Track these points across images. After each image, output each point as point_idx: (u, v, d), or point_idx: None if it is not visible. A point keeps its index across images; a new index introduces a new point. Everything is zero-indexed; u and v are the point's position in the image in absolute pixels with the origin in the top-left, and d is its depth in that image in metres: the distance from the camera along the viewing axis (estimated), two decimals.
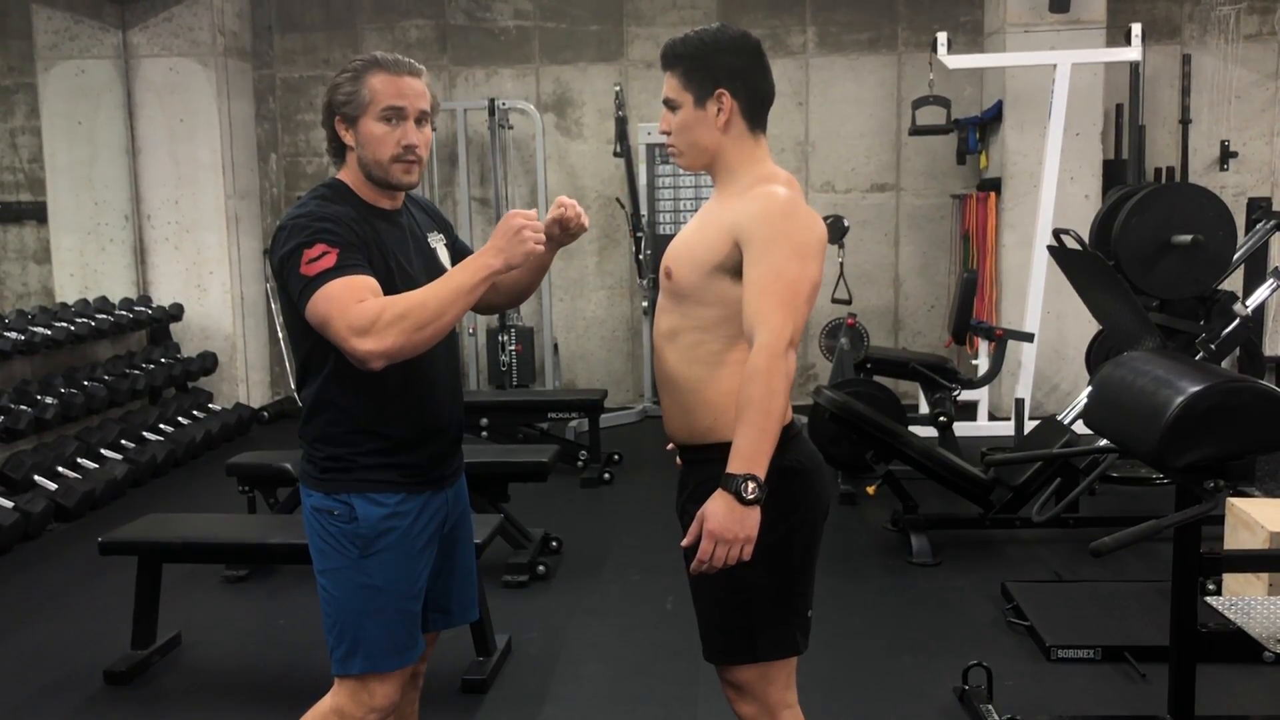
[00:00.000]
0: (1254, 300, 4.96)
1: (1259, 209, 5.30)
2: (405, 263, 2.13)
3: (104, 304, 6.61)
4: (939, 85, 6.90)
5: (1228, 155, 7.09)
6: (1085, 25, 6.73)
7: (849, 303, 6.73)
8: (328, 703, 2.18)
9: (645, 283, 7.12)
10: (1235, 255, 4.88)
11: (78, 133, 7.06)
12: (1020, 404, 5.67)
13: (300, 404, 2.20)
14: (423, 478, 2.17)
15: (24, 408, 5.41)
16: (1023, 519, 4.49)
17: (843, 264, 6.75)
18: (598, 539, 4.74)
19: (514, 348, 7.07)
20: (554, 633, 3.75)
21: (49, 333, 5.82)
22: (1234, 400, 2.37)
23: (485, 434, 5.76)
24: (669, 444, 2.20)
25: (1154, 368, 2.58)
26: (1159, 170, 7.03)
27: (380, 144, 2.08)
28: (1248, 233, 5.18)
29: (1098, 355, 5.72)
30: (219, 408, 7.00)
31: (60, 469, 5.34)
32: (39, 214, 7.56)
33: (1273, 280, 4.98)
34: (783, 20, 7.47)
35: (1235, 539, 3.62)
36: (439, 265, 2.22)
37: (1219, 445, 2.38)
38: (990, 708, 2.99)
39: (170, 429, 6.31)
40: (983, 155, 7.20)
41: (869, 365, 5.69)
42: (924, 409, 5.96)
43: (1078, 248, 4.85)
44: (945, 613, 3.89)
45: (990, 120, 7.10)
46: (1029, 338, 6.14)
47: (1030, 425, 5.21)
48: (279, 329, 7.37)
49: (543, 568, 4.25)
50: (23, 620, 4.04)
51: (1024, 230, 6.77)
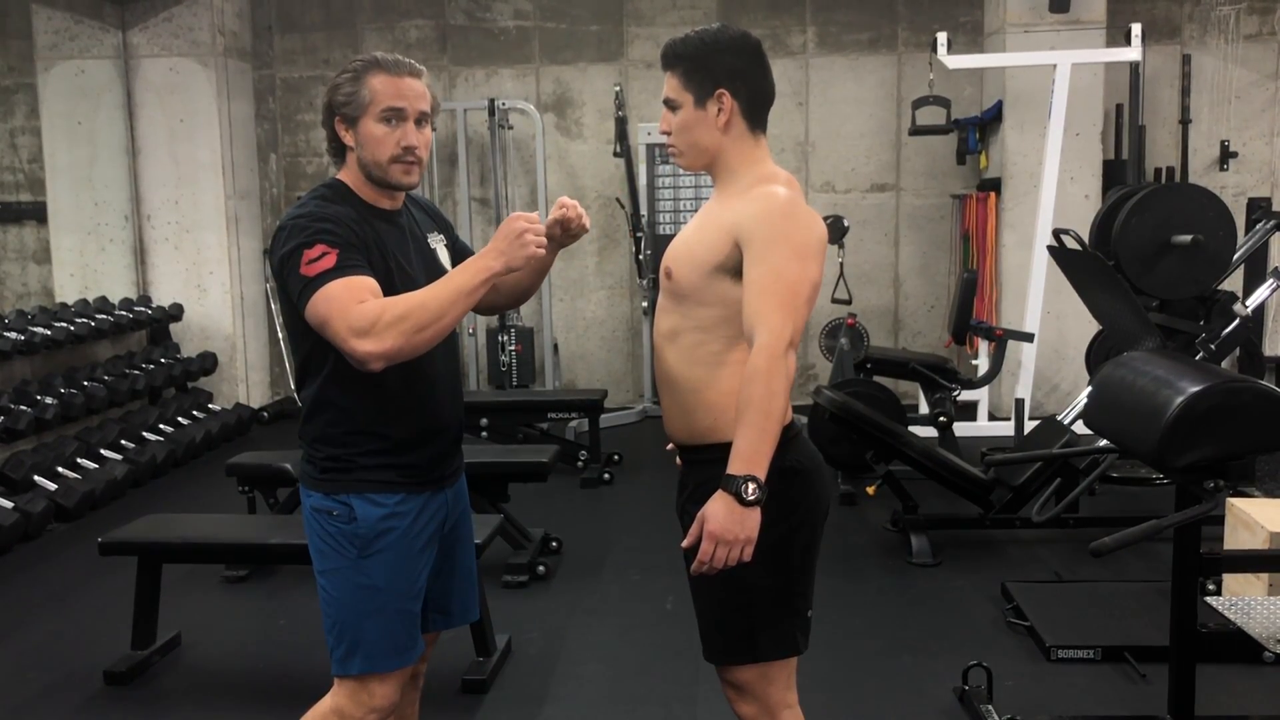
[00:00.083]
0: (1254, 300, 4.96)
1: (1259, 209, 5.30)
2: (405, 263, 2.13)
3: (104, 304, 6.61)
4: (939, 85, 6.90)
5: (1228, 155, 7.09)
6: (1085, 25, 6.73)
7: (849, 303, 6.73)
8: (327, 703, 2.18)
9: (645, 283, 7.12)
10: (1235, 255, 4.88)
11: (78, 133, 7.06)
12: (1020, 404, 5.67)
13: (300, 404, 2.20)
14: (422, 478, 2.17)
15: (24, 408, 5.41)
16: (1023, 519, 4.49)
17: (843, 264, 6.75)
18: (598, 539, 4.74)
19: (514, 348, 7.07)
20: (554, 633, 3.75)
21: (49, 333, 5.82)
22: (1234, 400, 2.37)
23: (485, 434, 5.76)
24: (669, 444, 2.19)
25: (1154, 368, 2.58)
26: (1159, 170, 7.03)
27: (380, 145, 2.08)
28: (1248, 233, 5.18)
29: (1098, 355, 5.72)
30: (219, 408, 7.00)
31: (60, 469, 5.34)
32: (39, 214, 7.56)
33: (1273, 280, 4.98)
34: (783, 20, 7.47)
35: (1235, 539, 3.62)
36: (439, 266, 2.22)
37: (1219, 445, 2.38)
38: (990, 708, 2.99)
39: (170, 429, 6.31)
40: (983, 155, 7.20)
41: (869, 365, 5.69)
42: (924, 409, 5.96)
43: (1078, 248, 4.85)
44: (945, 613, 3.89)
45: (990, 120, 7.10)
46: (1029, 338, 6.14)
47: (1030, 425, 5.21)
48: (279, 329, 7.37)
49: (543, 568, 4.25)
50: (23, 620, 4.04)
51: (1024, 230, 6.77)
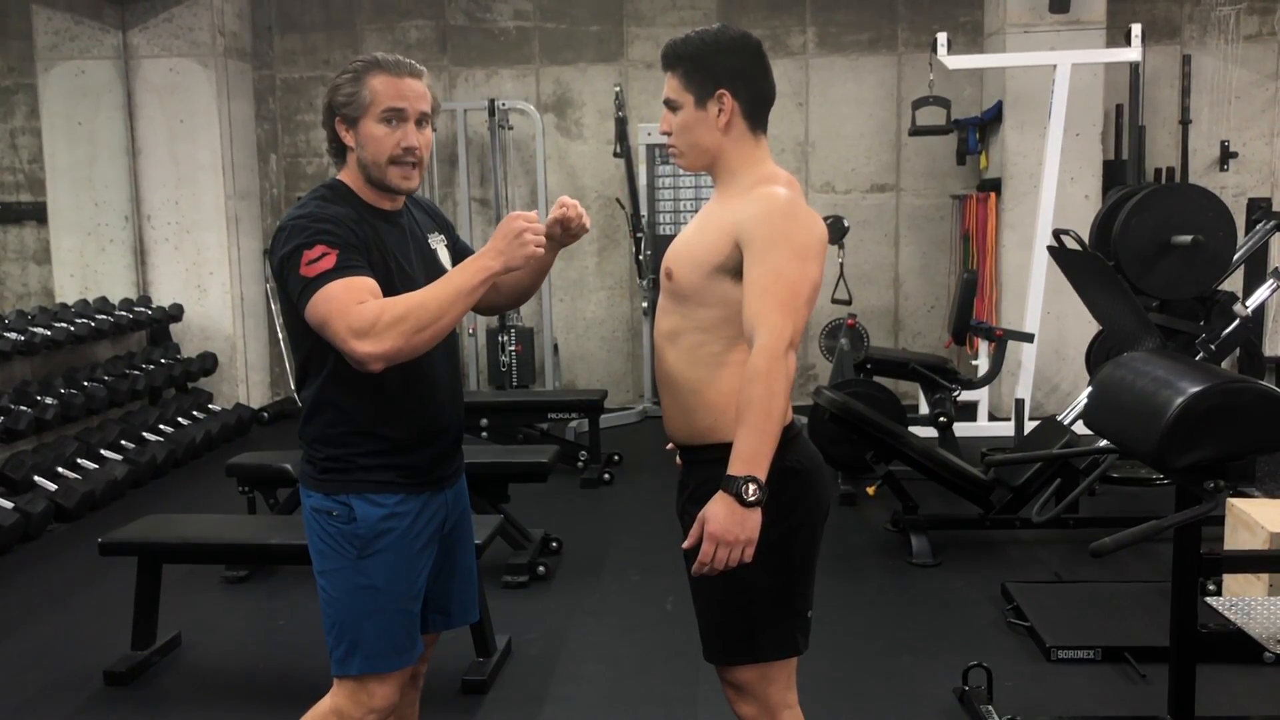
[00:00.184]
0: (1254, 300, 4.96)
1: (1259, 209, 5.29)
2: (405, 264, 2.13)
3: (104, 304, 6.61)
4: (939, 86, 6.90)
5: (1228, 156, 7.09)
6: (1085, 25, 6.73)
7: (849, 303, 6.73)
8: (327, 703, 2.18)
9: (645, 283, 7.12)
10: (1235, 256, 4.88)
11: (78, 133, 7.06)
12: (1020, 404, 5.67)
13: (300, 405, 2.20)
14: (422, 478, 2.16)
15: (24, 408, 5.41)
16: (1023, 519, 4.49)
17: (843, 264, 6.75)
18: (598, 539, 4.74)
19: (514, 348, 7.06)
20: (554, 633, 3.75)
21: (49, 333, 5.82)
22: (1234, 401, 2.37)
23: (485, 434, 5.76)
24: (668, 444, 2.20)
25: (1154, 368, 2.58)
26: (1159, 171, 7.03)
27: (380, 145, 2.08)
28: (1248, 233, 5.18)
29: (1098, 355, 5.72)
30: (219, 408, 7.00)
31: (60, 469, 5.34)
32: (39, 214, 7.56)
33: (1273, 280, 4.98)
34: (783, 20, 7.47)
35: (1235, 539, 3.62)
36: (439, 266, 2.22)
37: (1219, 446, 2.38)
38: (990, 708, 2.99)
39: (170, 429, 6.31)
40: (983, 155, 7.20)
41: (869, 366, 5.69)
42: (924, 409, 5.96)
43: (1078, 248, 4.85)
44: (945, 613, 3.89)
45: (990, 121, 7.10)
46: (1029, 338, 6.14)
47: (1030, 426, 5.21)
48: (279, 329, 7.37)
49: (543, 568, 4.25)
50: (23, 620, 4.04)
51: (1024, 230, 6.77)
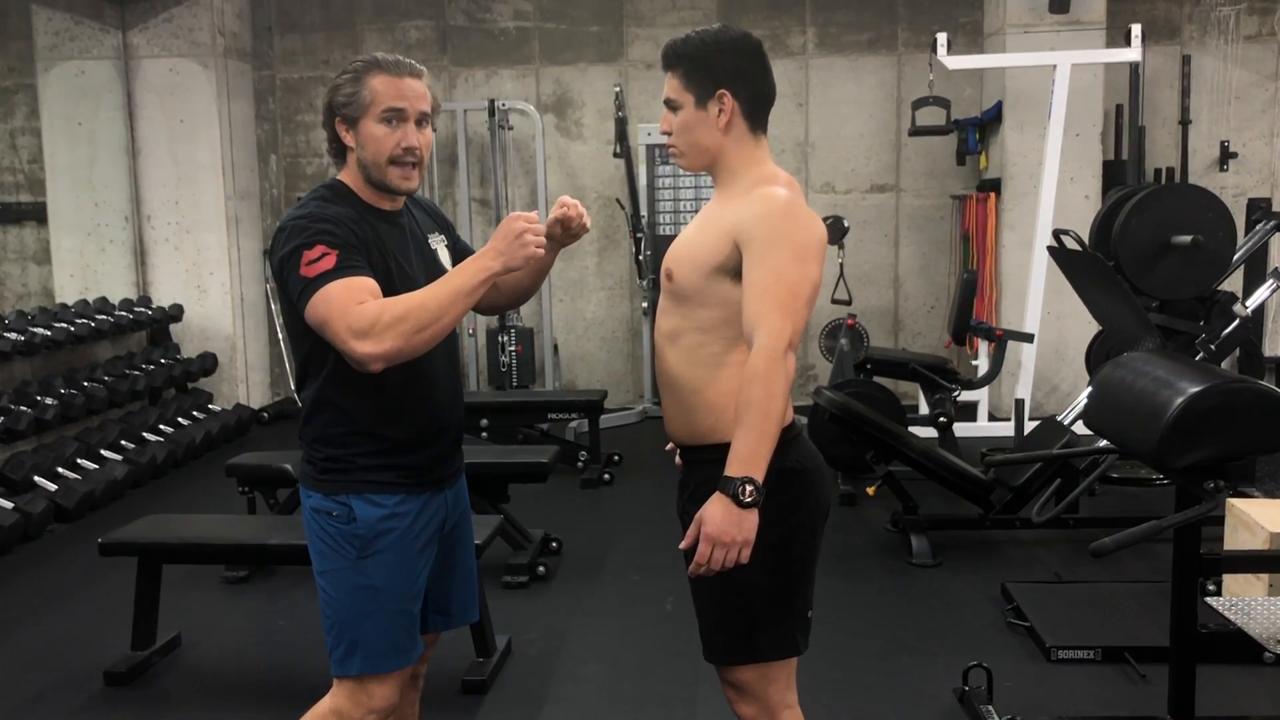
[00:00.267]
0: (1254, 301, 4.96)
1: (1259, 209, 5.30)
2: (405, 264, 2.13)
3: (104, 305, 6.61)
4: (939, 86, 6.90)
5: (1227, 156, 7.09)
6: (1085, 26, 6.73)
7: (849, 303, 6.73)
8: (326, 704, 2.18)
9: (645, 283, 7.12)
10: (1235, 256, 4.88)
11: (78, 133, 7.06)
12: (1020, 404, 5.67)
13: (300, 405, 2.20)
14: (422, 479, 2.16)
15: (24, 408, 5.40)
16: (1023, 520, 4.49)
17: (843, 264, 6.75)
18: (598, 540, 4.74)
19: (514, 348, 7.06)
20: (554, 633, 3.75)
21: (49, 333, 5.82)
22: (1234, 401, 2.37)
23: (485, 435, 5.76)
24: (668, 445, 2.20)
25: (1154, 368, 2.58)
26: (1159, 171, 7.03)
27: (380, 145, 2.08)
28: (1248, 233, 5.18)
29: (1098, 356, 5.72)
30: (219, 408, 7.00)
31: (60, 470, 5.33)
32: (39, 214, 7.56)
33: (1273, 281, 4.98)
34: (783, 21, 7.47)
35: (1235, 539, 3.62)
36: (439, 266, 2.22)
37: (1219, 446, 2.38)
38: (990, 708, 2.99)
39: (170, 430, 6.31)
40: (983, 156, 7.20)
41: (869, 366, 5.69)
42: (924, 409, 5.96)
43: (1078, 248, 4.85)
44: (945, 613, 3.89)
45: (990, 121, 7.10)
46: (1029, 338, 6.14)
47: (1030, 426, 5.21)
48: (279, 329, 7.37)
49: (543, 568, 4.25)
50: (23, 620, 4.04)
51: (1024, 231, 6.77)
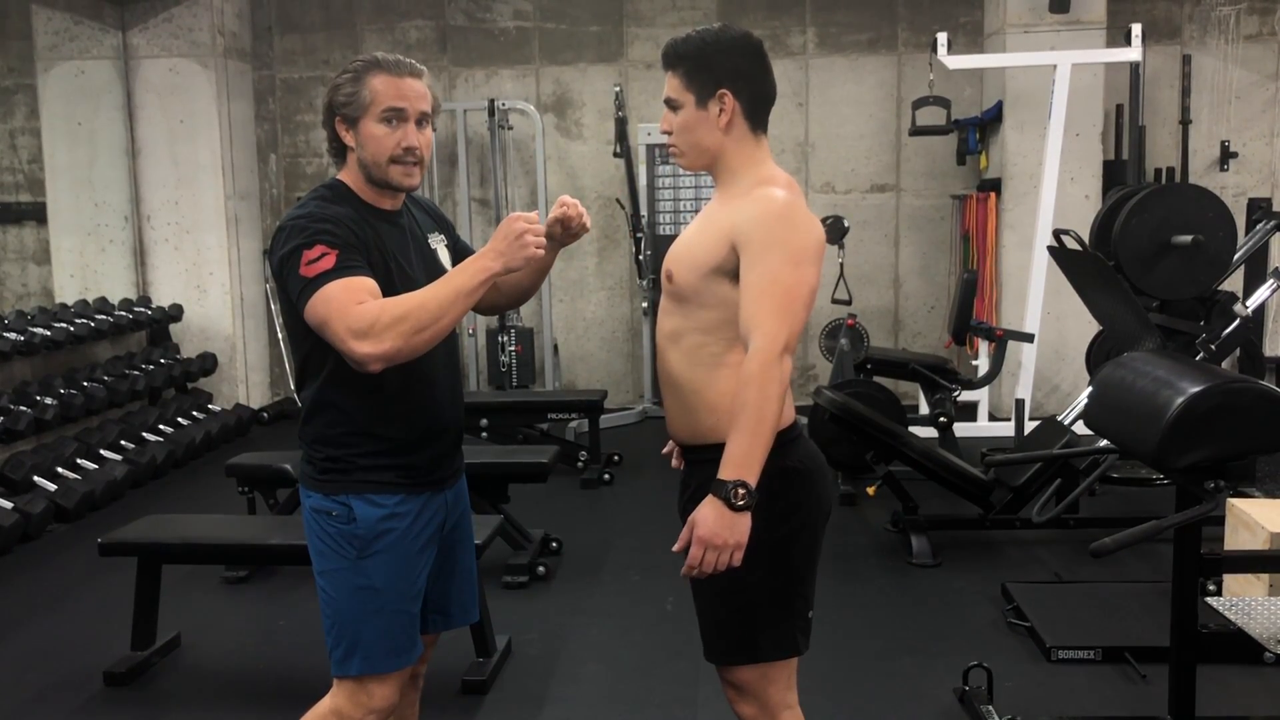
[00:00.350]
0: (1254, 301, 4.96)
1: (1259, 209, 5.29)
2: (405, 264, 2.13)
3: (104, 305, 6.61)
4: (939, 86, 6.90)
5: (1228, 156, 7.09)
6: (1085, 25, 6.73)
7: (849, 303, 6.73)
8: (326, 704, 2.18)
9: (645, 283, 7.12)
10: (1235, 256, 4.88)
11: (77, 133, 7.06)
12: (1020, 404, 5.67)
13: (300, 405, 2.20)
14: (422, 479, 2.16)
15: (24, 408, 5.40)
16: (1023, 520, 4.48)
17: (843, 264, 6.74)
18: (597, 540, 4.74)
19: (514, 348, 7.06)
20: (554, 634, 3.75)
21: (49, 334, 5.82)
22: (1234, 401, 2.37)
23: (485, 435, 5.76)
24: (664, 448, 2.21)
25: (1154, 368, 2.58)
26: (1159, 171, 7.03)
27: (380, 145, 2.08)
28: (1248, 233, 5.18)
29: (1098, 356, 5.72)
30: (219, 408, 7.00)
31: (60, 470, 5.33)
32: (39, 215, 7.56)
33: (1273, 280, 4.98)
34: (783, 21, 7.47)
35: (1235, 539, 3.62)
36: (439, 266, 2.22)
37: (1219, 446, 2.38)
38: (990, 708, 2.99)
39: (170, 430, 6.31)
40: (983, 156, 7.20)
41: (869, 366, 5.69)
42: (924, 409, 5.96)
43: (1078, 248, 4.85)
44: (945, 613, 3.89)
45: (990, 121, 7.10)
46: (1029, 338, 6.14)
47: (1030, 426, 5.21)
48: (279, 330, 7.37)
49: (543, 568, 4.25)
50: (23, 621, 4.04)
51: (1024, 231, 6.77)
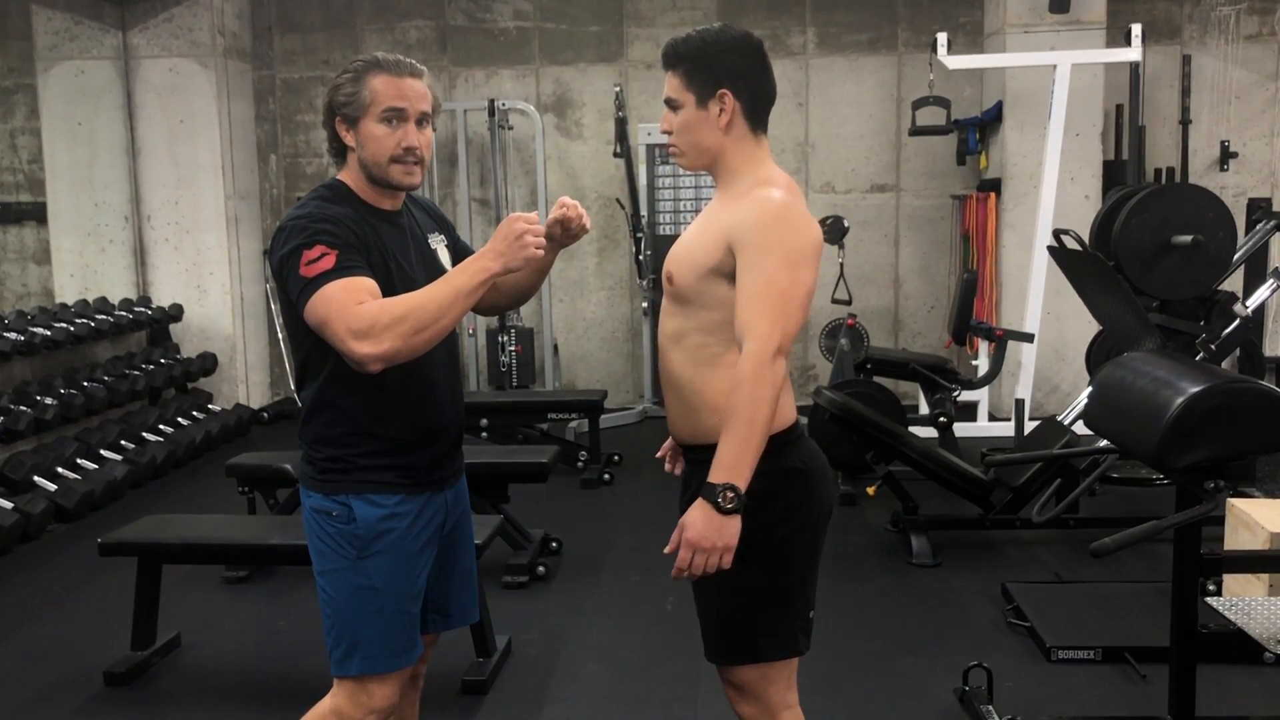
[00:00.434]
0: (1254, 301, 4.96)
1: (1259, 209, 5.29)
2: (405, 264, 2.13)
3: (104, 305, 6.61)
4: (939, 86, 6.90)
5: (1228, 156, 7.09)
6: (1085, 26, 6.73)
7: (849, 303, 6.73)
8: (326, 704, 2.18)
9: (645, 283, 7.12)
10: (1235, 256, 4.88)
11: (78, 133, 7.06)
12: (1020, 405, 5.67)
13: (300, 405, 2.20)
14: (422, 479, 2.16)
15: (24, 408, 5.40)
16: (1023, 520, 4.49)
17: (843, 264, 6.74)
18: (597, 540, 4.74)
19: (514, 348, 7.06)
20: (554, 634, 3.75)
21: (49, 333, 5.82)
22: (1234, 401, 2.37)
23: (485, 435, 5.76)
24: (659, 451, 2.22)
25: (1154, 368, 2.58)
26: (1159, 171, 7.03)
27: (381, 145, 2.08)
28: (1248, 233, 5.17)
29: (1098, 356, 5.72)
30: (219, 408, 7.00)
31: (60, 470, 5.33)
32: (39, 214, 7.56)
33: (1273, 280, 4.98)
34: (783, 21, 7.47)
35: (1235, 539, 3.62)
36: (439, 266, 2.22)
37: (1219, 446, 2.38)
38: (990, 708, 2.99)
39: (170, 430, 6.31)
40: (983, 156, 7.20)
41: (869, 366, 5.69)
42: (924, 409, 5.96)
43: (1078, 248, 4.85)
44: (945, 613, 3.89)
45: (990, 121, 7.10)
46: (1029, 338, 6.14)
47: (1030, 426, 5.21)
48: (279, 330, 7.37)
49: (543, 568, 4.25)
50: (23, 621, 4.04)
51: (1024, 231, 6.77)
